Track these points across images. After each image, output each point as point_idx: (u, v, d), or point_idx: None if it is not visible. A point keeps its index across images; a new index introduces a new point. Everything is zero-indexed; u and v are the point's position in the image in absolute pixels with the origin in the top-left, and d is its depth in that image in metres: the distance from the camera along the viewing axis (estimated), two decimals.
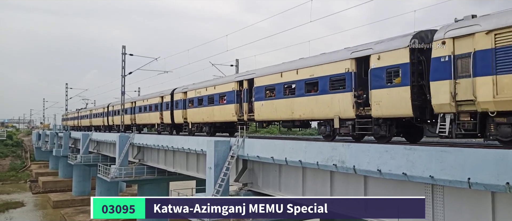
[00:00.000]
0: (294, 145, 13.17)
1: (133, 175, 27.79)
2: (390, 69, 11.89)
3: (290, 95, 16.00)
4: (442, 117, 10.44)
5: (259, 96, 17.89)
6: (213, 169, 15.51)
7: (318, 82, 14.53)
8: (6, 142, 74.16)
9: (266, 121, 18.41)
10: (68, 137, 51.85)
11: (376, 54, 12.36)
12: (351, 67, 13.21)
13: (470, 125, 9.92)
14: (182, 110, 25.33)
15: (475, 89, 9.55)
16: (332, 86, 13.91)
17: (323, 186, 12.74)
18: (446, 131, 10.31)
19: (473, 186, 8.05)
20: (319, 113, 14.56)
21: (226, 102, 20.54)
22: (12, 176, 63.61)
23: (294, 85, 15.78)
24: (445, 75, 10.22)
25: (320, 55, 15.24)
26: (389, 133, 12.39)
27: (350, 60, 13.27)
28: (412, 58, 11.33)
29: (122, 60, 33.05)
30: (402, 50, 11.54)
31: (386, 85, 11.99)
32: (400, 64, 11.58)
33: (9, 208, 44.47)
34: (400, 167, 9.47)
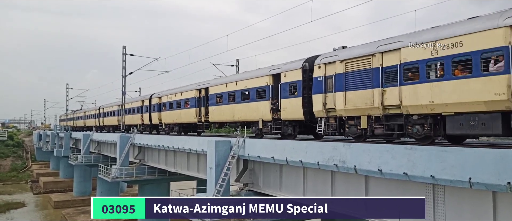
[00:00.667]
0: (294, 145, 13.18)
1: (134, 175, 27.80)
2: (291, 84, 16.11)
3: (232, 102, 20.10)
4: (319, 120, 14.67)
5: (212, 102, 22.03)
6: (214, 169, 15.51)
7: (249, 92, 18.79)
8: (7, 143, 74.24)
9: (218, 122, 22.23)
10: (69, 138, 51.90)
11: (284, 72, 16.62)
12: (269, 82, 17.50)
13: (334, 126, 14.11)
14: (158, 112, 29.47)
15: (335, 101, 13.78)
16: (258, 95, 18.11)
17: (324, 186, 12.74)
18: (322, 131, 14.53)
19: (474, 186, 8.04)
20: (250, 116, 18.69)
21: (189, 107, 24.71)
22: (13, 177, 63.68)
23: (235, 94, 19.93)
24: (320, 90, 14.42)
25: (251, 71, 19.57)
26: (294, 131, 16.57)
27: (269, 76, 17.55)
28: (303, 76, 15.46)
29: (123, 61, 33.09)
30: (297, 70, 15.82)
31: (289, 96, 16.16)
32: (296, 81, 15.82)
33: (10, 209, 44.53)
34: (401, 167, 9.47)
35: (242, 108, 19.22)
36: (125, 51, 33.20)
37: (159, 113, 29.22)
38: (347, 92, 13.37)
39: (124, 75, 33.47)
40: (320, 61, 14.66)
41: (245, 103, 19.01)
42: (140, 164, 28.29)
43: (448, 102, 10.40)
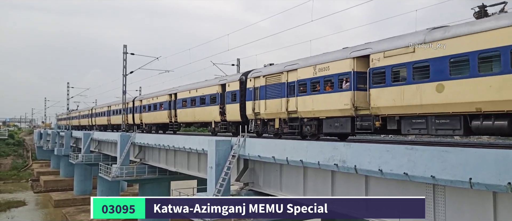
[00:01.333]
0: (295, 145, 13.18)
1: (134, 174, 27.81)
2: (233, 93, 20.18)
3: (194, 105, 24.37)
4: (250, 121, 18.72)
5: (179, 106, 26.32)
6: (214, 168, 15.51)
7: (205, 98, 22.86)
8: (8, 141, 74.32)
9: (184, 123, 26.84)
10: (69, 136, 51.94)
11: (228, 83, 20.73)
12: (219, 90, 21.58)
13: (260, 126, 18.20)
14: (139, 114, 33.74)
15: (260, 107, 17.81)
16: (211, 101, 22.22)
17: (324, 186, 12.74)
18: (253, 130, 18.49)
19: (474, 186, 8.03)
20: (206, 118, 22.85)
21: (163, 109, 28.63)
22: (14, 175, 63.75)
23: (195, 99, 24.18)
24: (251, 98, 18.51)
25: (208, 80, 23.98)
26: (236, 130, 20.01)
27: (218, 85, 21.71)
28: (241, 87, 19.55)
29: (123, 60, 33.10)
30: (236, 82, 19.96)
31: (231, 102, 20.29)
32: (236, 90, 19.91)
33: (11, 207, 44.57)
34: (401, 167, 9.46)
35: (200, 111, 23.56)
36: (126, 50, 33.21)
37: (140, 114, 33.46)
38: (267, 100, 17.50)
39: (124, 74, 33.48)
40: (251, 75, 18.82)
41: (202, 107, 23.34)
42: (140, 163, 28.30)
43: (322, 109, 14.48)
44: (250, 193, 15.93)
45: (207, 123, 23.24)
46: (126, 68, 33.38)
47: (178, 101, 26.42)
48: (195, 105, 24.19)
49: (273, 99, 16.97)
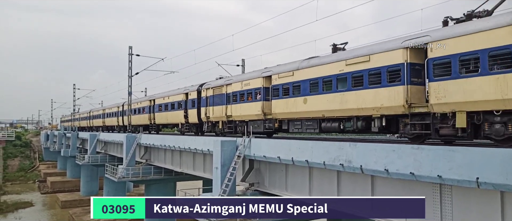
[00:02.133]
0: (300, 145, 13.15)
1: (140, 175, 27.92)
2: (192, 100, 25.56)
3: (166, 110, 29.83)
4: (204, 123, 24.18)
5: (157, 110, 31.65)
6: (220, 169, 15.53)
7: (174, 104, 28.40)
8: (15, 143, 74.88)
9: (159, 124, 32.19)
10: (76, 138, 52.23)
11: (189, 92, 26.21)
12: (184, 98, 26.93)
13: (210, 127, 23.50)
14: (127, 116, 39.04)
15: (209, 112, 23.10)
16: (178, 107, 27.80)
17: (330, 186, 12.71)
18: (206, 130, 24.12)
19: (481, 186, 7.98)
20: (175, 120, 28.37)
21: (145, 112, 34.01)
22: (21, 176, 64.23)
23: (168, 104, 29.57)
24: (204, 104, 23.93)
25: (177, 89, 29.23)
26: (196, 131, 25.61)
27: (183, 94, 27.00)
28: (198, 96, 24.86)
29: (129, 61, 33.23)
30: (195, 92, 25.25)
31: (191, 108, 25.60)
32: (194, 98, 25.30)
33: (18, 208, 44.91)
34: (408, 167, 9.41)
35: (171, 114, 28.94)
36: (131, 51, 33.35)
37: (130, 117, 38.60)
38: (214, 107, 22.61)
39: (130, 75, 33.62)
40: (204, 87, 24.40)
41: (173, 111, 28.67)
42: (146, 164, 28.41)
43: (246, 114, 19.81)
44: (256, 193, 15.92)
45: (176, 124, 29.11)
46: (132, 69, 33.53)
47: (156, 106, 31.77)
48: (167, 110, 29.78)
49: (218, 106, 22.38)
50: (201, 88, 24.62)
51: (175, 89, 30.00)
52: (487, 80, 9.47)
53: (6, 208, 43.81)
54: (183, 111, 26.76)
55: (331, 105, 14.46)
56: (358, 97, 13.32)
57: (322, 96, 14.89)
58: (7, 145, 72.77)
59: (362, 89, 13.14)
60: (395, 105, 11.99)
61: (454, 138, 10.99)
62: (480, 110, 9.86)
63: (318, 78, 15.14)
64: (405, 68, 11.65)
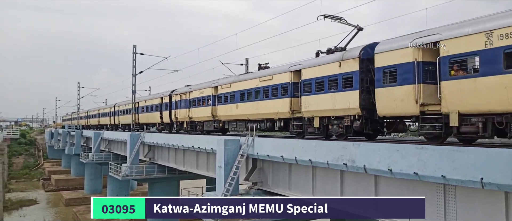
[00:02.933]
0: (304, 144, 13.13)
1: (144, 173, 28.00)
2: (165, 104, 30.52)
3: (147, 111, 34.66)
4: (175, 123, 28.92)
5: (140, 111, 36.36)
6: (223, 168, 15.53)
7: (153, 107, 32.99)
8: (20, 141, 75.28)
9: (143, 123, 36.25)
10: (80, 136, 52.43)
11: (164, 97, 30.88)
12: (159, 102, 31.46)
13: (179, 126, 28.35)
14: (117, 116, 44.73)
15: (178, 114, 28.03)
16: (156, 109, 32.20)
17: (333, 186, 12.69)
18: (176, 129, 28.78)
19: (486, 186, 7.92)
20: (154, 120, 33.22)
21: (130, 113, 37.73)
22: (26, 174, 64.58)
23: (148, 106, 34.39)
24: (174, 107, 28.85)
25: (155, 94, 34.20)
26: (170, 129, 30.24)
27: (159, 98, 31.69)
28: (170, 100, 29.70)
29: (133, 60, 33.32)
30: (168, 96, 30.09)
31: (165, 110, 30.53)
32: (167, 102, 30.25)
33: (23, 206, 45.16)
34: (411, 167, 9.37)
35: (151, 115, 33.71)
36: (136, 50, 33.42)
37: (118, 117, 44.40)
38: (181, 110, 27.60)
39: (134, 74, 33.71)
40: (174, 93, 29.30)
41: (151, 113, 33.57)
42: (150, 163, 28.47)
43: (201, 116, 24.53)
44: (259, 192, 15.92)
45: (154, 123, 34.53)
46: (136, 68, 33.61)
47: (140, 108, 36.54)
48: (148, 111, 34.55)
49: (183, 109, 27.33)
50: (172, 94, 29.43)
51: (155, 94, 35.91)
52: (327, 97, 14.49)
53: (10, 205, 44.08)
54: (159, 112, 31.60)
55: (252, 110, 19.42)
56: (266, 105, 18.24)
57: (247, 103, 19.92)
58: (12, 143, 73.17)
59: (268, 100, 18.10)
60: (285, 111, 16.97)
61: (314, 134, 15.58)
62: (325, 116, 14.73)
63: (244, 90, 20.15)
64: (290, 85, 16.74)
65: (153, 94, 35.21)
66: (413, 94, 11.35)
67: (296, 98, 16.37)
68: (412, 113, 11.66)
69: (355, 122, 13.47)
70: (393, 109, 12.13)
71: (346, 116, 13.89)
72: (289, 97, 16.65)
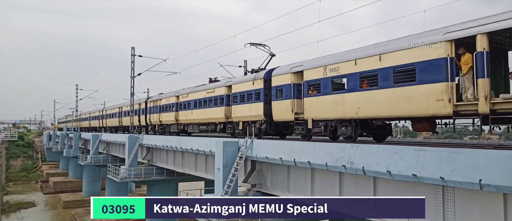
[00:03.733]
0: (302, 146, 13.14)
1: (142, 175, 27.94)
2: (143, 109, 35.00)
3: (128, 115, 37.14)
4: (150, 126, 33.34)
5: (123, 115, 41.23)
6: (222, 170, 15.53)
7: (136, 111, 36.25)
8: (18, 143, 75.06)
9: (125, 126, 40.22)
10: (78, 138, 52.32)
11: (140, 103, 35.71)
12: (138, 107, 35.79)
13: (156, 128, 31.83)
14: (105, 119, 49.89)
15: (151, 118, 32.98)
16: (136, 113, 35.92)
17: (332, 187, 12.69)
18: (156, 130, 31.71)
19: (484, 188, 7.94)
20: (134, 122, 35.79)
21: (117, 117, 43.95)
22: (24, 177, 64.35)
23: (133, 110, 36.23)
24: (148, 112, 33.73)
25: (138, 99, 37.58)
26: (146, 131, 32.93)
27: (138, 104, 35.84)
28: (146, 105, 34.45)
29: (132, 62, 33.30)
30: (144, 103, 35.17)
31: (142, 114, 35.18)
32: (143, 108, 35.14)
33: (21, 208, 44.99)
34: (410, 168, 9.38)
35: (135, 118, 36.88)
36: (134, 52, 33.41)
37: (106, 120, 49.50)
38: (153, 114, 32.16)
39: (132, 76, 33.69)
40: (148, 100, 33.79)
41: (135, 116, 36.67)
42: (148, 165, 28.44)
43: (168, 120, 28.92)
44: (258, 194, 15.91)
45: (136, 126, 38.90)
46: (134, 70, 33.59)
47: (122, 112, 41.74)
48: (133, 114, 38.87)
49: (155, 114, 31.48)
50: (147, 101, 34.33)
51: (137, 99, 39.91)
52: (246, 106, 19.24)
53: (8, 208, 43.91)
54: (137, 116, 36.01)
55: (201, 116, 24.05)
56: (210, 112, 22.85)
57: (198, 110, 24.54)
58: (10, 145, 72.98)
59: (211, 108, 22.78)
60: (221, 117, 21.47)
61: (240, 135, 19.15)
62: (246, 120, 19.14)
63: (197, 99, 24.82)
64: (225, 97, 21.38)
65: (137, 99, 38.91)
66: (291, 106, 15.85)
67: (229, 107, 21.02)
68: (290, 119, 15.98)
69: (262, 125, 17.99)
70: (281, 116, 16.63)
71: (257, 121, 18.37)
72: (224, 106, 21.35)
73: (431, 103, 10.37)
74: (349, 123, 13.60)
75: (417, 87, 10.75)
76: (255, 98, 18.52)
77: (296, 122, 15.86)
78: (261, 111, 17.93)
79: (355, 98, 12.93)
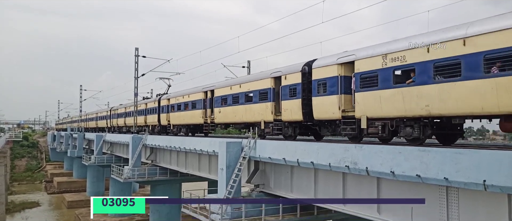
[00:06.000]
0: (306, 147, 13.11)
1: (146, 176, 28.00)
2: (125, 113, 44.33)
3: (121, 116, 45.24)
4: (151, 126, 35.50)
5: (114, 117, 49.13)
6: (225, 170, 15.52)
7: (123, 113, 45.02)
8: (22, 143, 75.44)
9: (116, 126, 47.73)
10: (82, 138, 52.50)
11: (126, 107, 44.40)
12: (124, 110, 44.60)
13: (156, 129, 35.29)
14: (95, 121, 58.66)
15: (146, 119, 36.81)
16: (125, 115, 43.84)
17: (335, 188, 12.66)
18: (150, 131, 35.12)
19: (488, 188, 7.89)
20: (130, 123, 40.31)
21: (103, 118, 53.40)
22: (28, 177, 64.66)
23: (126, 113, 43.11)
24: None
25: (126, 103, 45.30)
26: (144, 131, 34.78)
27: (124, 108, 45.20)
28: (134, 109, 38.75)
29: (135, 62, 33.39)
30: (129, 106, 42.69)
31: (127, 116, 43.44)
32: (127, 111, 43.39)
33: (25, 208, 45.20)
34: (414, 169, 9.34)
35: (122, 119, 43.96)
36: (138, 53, 33.51)
37: (97, 122, 57.98)
38: (149, 115, 34.82)
39: (136, 76, 33.78)
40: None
41: (122, 118, 44.12)
42: (152, 165, 28.49)
43: (152, 121, 33.98)
44: (261, 194, 15.90)
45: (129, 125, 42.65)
46: (138, 70, 33.69)
47: (116, 114, 48.11)
48: (123, 116, 44.47)
49: (152, 114, 34.01)
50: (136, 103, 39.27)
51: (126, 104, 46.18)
52: (195, 113, 25.19)
53: (13, 208, 44.12)
54: (131, 118, 39.90)
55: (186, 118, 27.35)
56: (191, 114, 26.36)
57: (183, 112, 27.84)
58: (14, 146, 73.36)
59: (192, 110, 26.08)
60: (200, 118, 24.88)
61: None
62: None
63: (180, 103, 28.18)
64: (203, 101, 24.58)
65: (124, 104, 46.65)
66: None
67: (206, 110, 24.33)
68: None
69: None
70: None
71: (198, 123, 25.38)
72: (202, 109, 24.59)
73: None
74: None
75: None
76: (203, 106, 23.74)
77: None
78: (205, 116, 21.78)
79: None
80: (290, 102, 16.23)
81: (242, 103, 20.11)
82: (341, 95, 13.70)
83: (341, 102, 13.69)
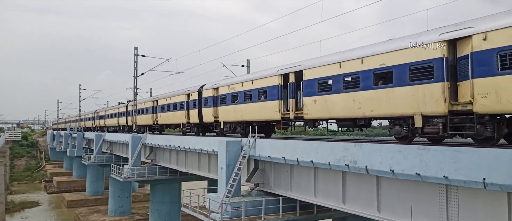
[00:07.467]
0: (305, 146, 13.11)
1: (146, 175, 27.98)
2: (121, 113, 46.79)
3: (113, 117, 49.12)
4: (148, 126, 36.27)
5: (105, 117, 53.08)
6: (225, 169, 15.52)
7: (114, 114, 49.64)
8: (22, 143, 75.45)
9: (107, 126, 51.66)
10: (82, 138, 52.50)
11: (110, 109, 53.19)
12: (122, 110, 46.24)
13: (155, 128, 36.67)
14: (83, 122, 62.64)
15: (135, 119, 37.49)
16: (116, 116, 48.55)
17: (335, 187, 12.66)
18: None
19: (488, 187, 7.90)
20: (116, 123, 48.44)
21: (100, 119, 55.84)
22: (28, 176, 64.67)
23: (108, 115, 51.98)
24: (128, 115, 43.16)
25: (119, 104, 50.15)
26: (126, 131, 42.70)
27: (118, 108, 48.54)
28: (126, 109, 43.97)
29: (135, 61, 33.35)
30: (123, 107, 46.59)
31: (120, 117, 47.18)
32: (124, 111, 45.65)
33: (25, 208, 45.22)
34: (414, 167, 9.35)
35: (121, 119, 44.23)
36: (137, 52, 33.46)
37: (84, 122, 62.64)
38: (141, 115, 36.22)
39: (135, 76, 33.74)
40: (128, 104, 41.12)
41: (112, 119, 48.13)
42: (151, 164, 28.47)
43: (144, 122, 35.31)
44: (261, 193, 15.90)
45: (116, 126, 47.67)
46: (137, 69, 33.65)
47: (109, 114, 51.06)
48: (114, 117, 47.68)
49: (146, 114, 35.66)
50: (128, 104, 42.02)
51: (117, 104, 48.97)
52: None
53: (13, 207, 44.14)
54: (117, 119, 46.17)
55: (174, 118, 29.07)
56: (174, 115, 29.04)
57: (170, 112, 30.01)
58: (14, 145, 73.35)
59: (175, 111, 28.72)
60: (184, 118, 26.72)
61: (194, 133, 26.40)
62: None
63: (165, 104, 30.81)
64: (185, 103, 26.96)
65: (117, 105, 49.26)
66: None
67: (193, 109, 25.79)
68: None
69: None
70: (207, 119, 23.58)
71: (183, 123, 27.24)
72: (185, 110, 26.84)
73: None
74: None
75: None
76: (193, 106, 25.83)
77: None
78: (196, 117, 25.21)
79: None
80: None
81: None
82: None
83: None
